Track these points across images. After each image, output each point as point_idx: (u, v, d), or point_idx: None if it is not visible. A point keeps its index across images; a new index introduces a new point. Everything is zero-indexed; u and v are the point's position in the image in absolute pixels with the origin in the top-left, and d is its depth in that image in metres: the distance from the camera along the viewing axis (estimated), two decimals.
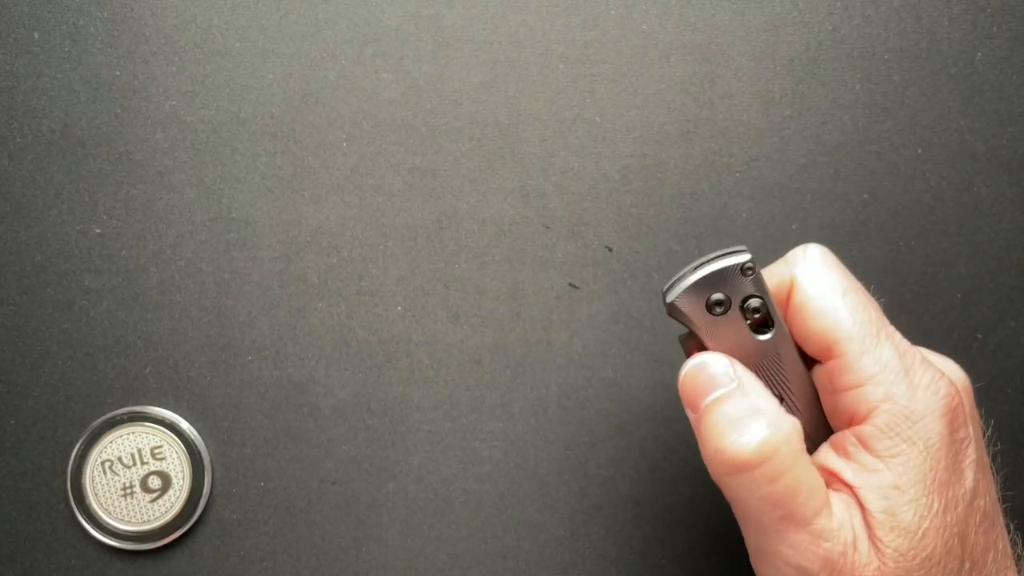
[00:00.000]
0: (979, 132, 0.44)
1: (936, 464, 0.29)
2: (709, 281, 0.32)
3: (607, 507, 0.43)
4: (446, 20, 0.43)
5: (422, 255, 0.43)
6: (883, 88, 0.44)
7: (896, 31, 0.44)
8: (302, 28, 0.43)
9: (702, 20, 0.44)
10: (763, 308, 0.32)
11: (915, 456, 0.29)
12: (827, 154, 0.44)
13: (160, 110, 0.42)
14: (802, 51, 0.44)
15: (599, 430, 0.43)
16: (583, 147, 0.43)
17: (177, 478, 0.42)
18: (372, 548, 0.42)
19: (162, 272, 0.42)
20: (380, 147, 0.43)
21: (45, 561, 0.42)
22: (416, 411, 0.43)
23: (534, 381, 0.43)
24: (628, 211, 0.43)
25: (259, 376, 0.42)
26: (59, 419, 0.42)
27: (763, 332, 0.33)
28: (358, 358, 0.43)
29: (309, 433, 0.43)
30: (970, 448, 0.31)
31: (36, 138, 0.42)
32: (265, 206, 0.43)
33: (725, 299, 0.32)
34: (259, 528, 0.42)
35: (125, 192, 0.42)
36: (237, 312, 0.42)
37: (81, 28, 0.42)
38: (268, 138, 0.43)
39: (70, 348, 0.42)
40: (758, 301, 0.32)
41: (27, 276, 0.42)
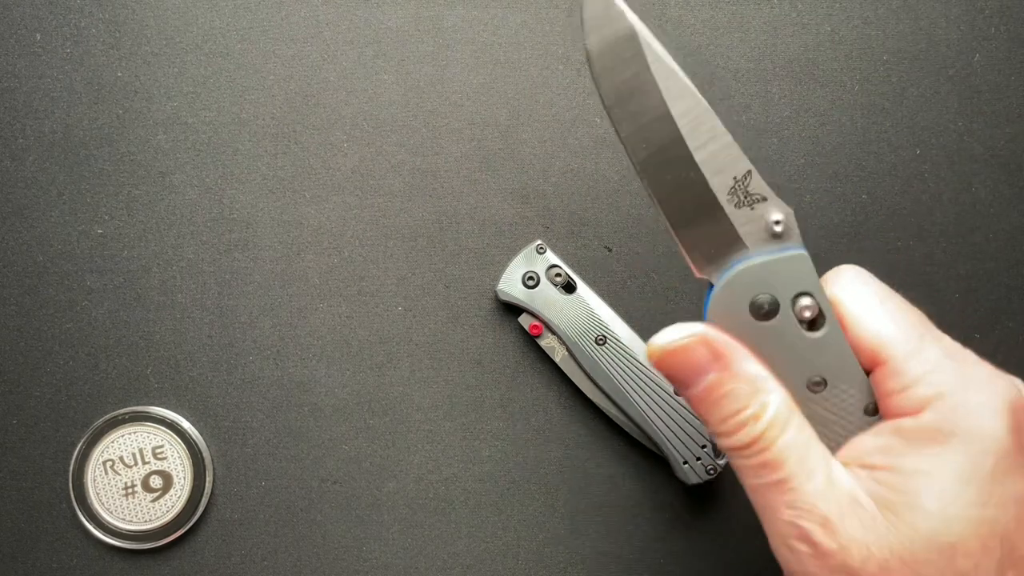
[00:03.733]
0: (977, 133, 0.44)
1: (983, 458, 0.28)
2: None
3: (607, 507, 0.43)
4: (446, 21, 0.43)
5: (422, 255, 0.43)
6: (882, 89, 0.44)
7: (895, 33, 0.44)
8: (303, 29, 0.43)
9: (701, 21, 0.44)
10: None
11: (957, 446, 0.28)
12: (826, 155, 0.44)
13: (162, 111, 0.43)
14: (801, 52, 0.44)
15: (599, 430, 0.43)
16: (583, 147, 0.43)
17: (178, 477, 0.42)
18: (373, 547, 0.43)
19: (164, 272, 0.42)
20: (381, 148, 0.43)
21: (47, 560, 0.42)
22: (416, 411, 0.43)
23: (534, 381, 0.43)
24: (628, 211, 0.43)
25: (260, 376, 0.43)
26: (61, 419, 0.42)
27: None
28: (359, 358, 0.43)
29: (310, 432, 0.43)
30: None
31: (38, 139, 0.42)
32: (266, 206, 0.43)
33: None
34: (260, 527, 0.42)
35: (127, 193, 0.43)
36: (238, 312, 0.43)
37: (83, 29, 0.42)
38: (269, 139, 0.43)
39: (72, 348, 0.42)
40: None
41: (29, 276, 0.42)
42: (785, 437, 0.29)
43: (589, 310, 0.42)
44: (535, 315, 0.42)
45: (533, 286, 0.42)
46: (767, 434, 0.29)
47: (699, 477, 0.41)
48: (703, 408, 0.30)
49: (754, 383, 0.30)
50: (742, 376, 0.30)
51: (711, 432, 0.31)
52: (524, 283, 0.42)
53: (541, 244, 0.42)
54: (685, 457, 0.41)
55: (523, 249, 0.42)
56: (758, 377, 0.30)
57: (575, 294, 0.42)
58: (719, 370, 0.30)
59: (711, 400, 0.30)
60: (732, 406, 0.30)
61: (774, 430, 0.29)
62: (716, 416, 0.30)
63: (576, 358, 0.42)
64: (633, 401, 0.41)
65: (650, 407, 0.41)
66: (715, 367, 0.30)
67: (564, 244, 0.43)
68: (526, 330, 0.42)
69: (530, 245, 0.42)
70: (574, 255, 0.43)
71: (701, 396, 0.30)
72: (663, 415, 0.41)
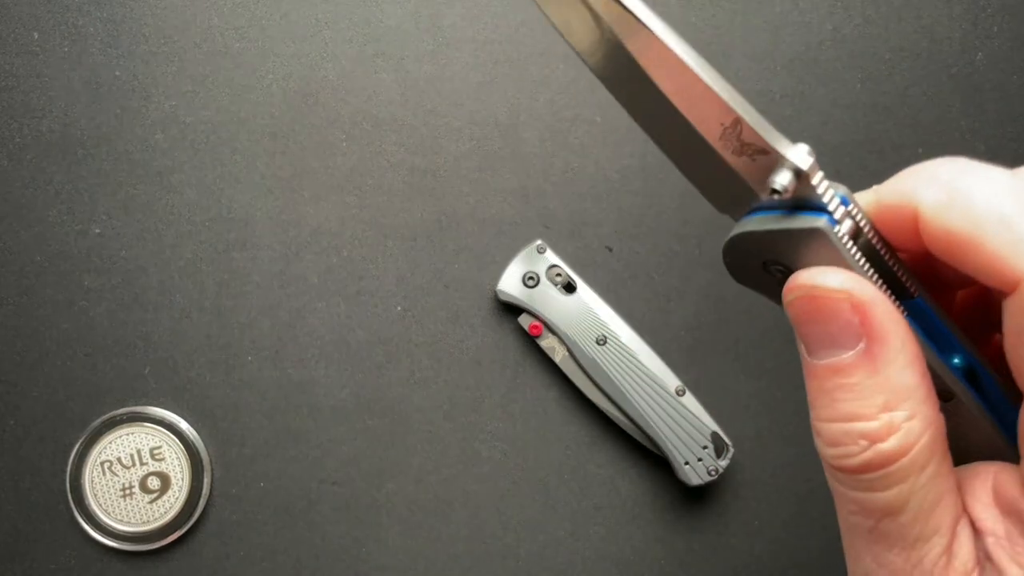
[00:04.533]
0: (980, 132, 0.44)
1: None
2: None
3: (607, 507, 0.43)
4: (446, 20, 0.43)
5: (421, 255, 0.43)
6: (884, 88, 0.44)
7: (897, 31, 0.44)
8: (302, 28, 0.43)
9: (702, 20, 0.44)
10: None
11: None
12: (828, 154, 0.44)
13: (160, 110, 0.42)
14: (803, 51, 0.44)
15: (599, 431, 0.43)
16: (583, 147, 0.43)
17: (176, 479, 0.42)
18: (372, 548, 0.42)
19: (162, 272, 0.42)
20: (380, 147, 0.43)
21: (44, 562, 0.42)
22: (416, 411, 0.43)
23: (534, 381, 0.43)
24: (628, 211, 0.43)
25: (259, 376, 0.42)
26: (58, 419, 0.42)
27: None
28: (358, 358, 0.43)
29: (309, 433, 0.42)
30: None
31: (36, 138, 0.42)
32: (265, 206, 0.43)
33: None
34: (259, 529, 0.42)
35: (125, 192, 0.42)
36: (237, 312, 0.42)
37: (81, 28, 0.42)
38: (268, 138, 0.43)
39: (69, 348, 0.42)
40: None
41: (26, 276, 0.42)
42: (914, 481, 0.21)
43: (589, 310, 0.42)
44: (535, 315, 0.42)
45: (533, 286, 0.42)
46: (889, 469, 0.21)
47: (700, 478, 0.41)
48: (814, 388, 0.23)
49: (898, 391, 0.21)
50: (886, 374, 0.21)
51: (814, 428, 0.23)
52: (524, 283, 0.42)
53: (541, 244, 0.42)
54: (686, 458, 0.41)
55: (523, 249, 0.42)
56: (906, 386, 0.21)
57: (575, 294, 0.42)
58: (862, 357, 0.21)
59: (827, 385, 0.22)
60: (849, 407, 0.22)
61: (901, 467, 0.21)
62: (823, 410, 0.22)
63: (576, 358, 0.42)
64: (633, 401, 0.41)
65: (651, 407, 0.41)
66: (854, 344, 0.21)
67: (564, 244, 0.43)
68: (526, 330, 0.42)
69: (530, 245, 0.42)
70: (574, 255, 0.43)
71: (818, 372, 0.22)
72: (664, 416, 0.41)
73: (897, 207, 0.23)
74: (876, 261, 0.23)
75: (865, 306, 0.21)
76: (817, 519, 0.43)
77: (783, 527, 0.43)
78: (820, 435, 0.22)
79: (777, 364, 0.43)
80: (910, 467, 0.21)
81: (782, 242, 0.23)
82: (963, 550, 0.22)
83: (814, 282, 0.22)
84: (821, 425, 0.22)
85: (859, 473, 0.22)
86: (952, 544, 0.22)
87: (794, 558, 0.43)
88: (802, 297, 0.22)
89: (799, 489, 0.43)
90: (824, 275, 0.22)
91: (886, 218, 0.23)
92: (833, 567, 0.43)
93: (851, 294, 0.21)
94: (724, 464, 0.41)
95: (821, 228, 0.22)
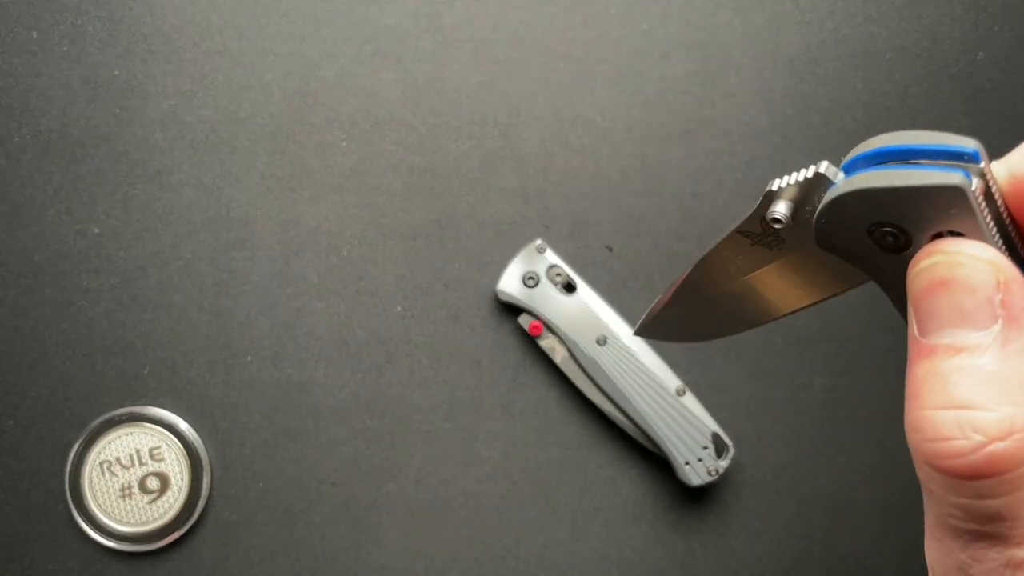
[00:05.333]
0: (980, 131, 0.44)
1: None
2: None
3: (607, 507, 0.43)
4: (446, 19, 0.43)
5: (421, 255, 0.43)
6: (884, 87, 0.44)
7: (897, 30, 0.44)
8: (301, 27, 0.43)
9: (703, 19, 0.43)
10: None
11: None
12: (828, 154, 0.43)
13: (159, 109, 0.42)
14: (803, 50, 0.44)
15: (599, 431, 0.43)
16: (583, 147, 0.43)
17: (176, 479, 0.41)
18: (372, 549, 0.42)
19: (161, 272, 0.42)
20: (379, 146, 0.43)
21: (43, 562, 0.42)
22: (416, 411, 0.43)
23: (534, 381, 0.43)
24: (628, 211, 0.43)
25: (258, 376, 0.42)
26: (57, 419, 0.42)
27: None
28: (357, 358, 0.43)
29: (308, 434, 0.42)
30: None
31: (34, 137, 0.42)
32: (264, 206, 0.42)
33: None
34: (258, 529, 0.42)
35: (124, 192, 0.42)
36: (236, 312, 0.42)
37: (79, 27, 0.42)
38: (267, 137, 0.43)
39: (68, 348, 0.42)
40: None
41: (25, 276, 0.42)
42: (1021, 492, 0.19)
43: (589, 310, 0.42)
44: (535, 315, 0.42)
45: (533, 286, 0.42)
46: (1005, 477, 0.19)
47: (701, 479, 0.41)
48: (924, 371, 0.20)
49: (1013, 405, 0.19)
50: (1017, 364, 0.19)
51: (912, 421, 0.20)
52: (524, 283, 0.42)
53: (541, 244, 0.42)
54: (687, 458, 0.41)
55: (523, 249, 0.42)
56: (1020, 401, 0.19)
57: (575, 294, 0.42)
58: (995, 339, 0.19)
59: (943, 368, 0.19)
60: (968, 392, 0.19)
61: (1020, 475, 0.19)
62: (933, 395, 0.19)
63: (576, 358, 0.42)
64: (633, 402, 0.41)
65: (651, 408, 0.41)
66: (989, 324, 0.19)
67: (564, 244, 0.43)
68: (526, 330, 0.42)
69: (530, 245, 0.42)
70: (574, 255, 0.43)
71: (936, 351, 0.20)
72: (664, 416, 0.41)
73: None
74: (1001, 229, 0.20)
75: (1011, 284, 0.19)
76: (817, 519, 0.43)
77: (783, 527, 0.43)
78: (920, 427, 0.19)
79: (777, 364, 0.43)
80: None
81: (906, 201, 0.20)
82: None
83: (961, 249, 0.19)
84: (926, 414, 0.19)
85: (966, 479, 0.19)
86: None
87: (794, 558, 0.43)
88: (942, 263, 0.20)
89: (800, 490, 0.43)
90: (971, 245, 0.19)
91: (1019, 190, 0.21)
92: (833, 567, 0.43)
93: (1000, 269, 0.19)
94: (724, 464, 0.41)
95: (960, 186, 0.19)
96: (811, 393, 0.43)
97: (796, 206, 0.23)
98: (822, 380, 0.43)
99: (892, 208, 0.20)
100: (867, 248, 0.21)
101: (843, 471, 0.43)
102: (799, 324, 0.43)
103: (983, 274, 0.19)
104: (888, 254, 0.21)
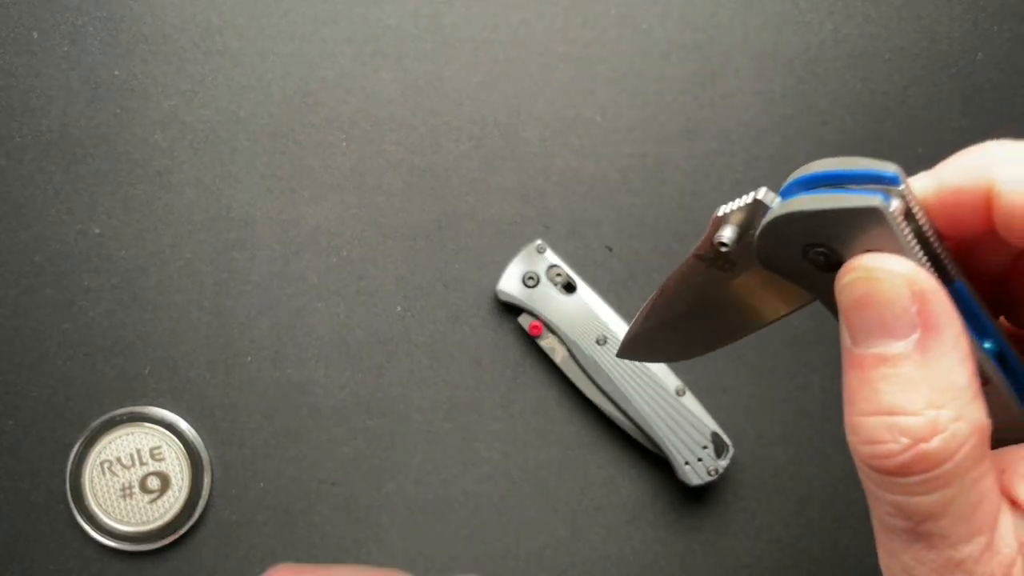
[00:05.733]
0: (980, 132, 0.44)
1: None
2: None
3: (607, 507, 0.43)
4: (446, 19, 0.43)
5: (421, 255, 0.43)
6: (884, 88, 0.44)
7: (897, 31, 0.44)
8: (301, 27, 0.43)
9: (703, 19, 0.43)
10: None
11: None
12: (828, 154, 0.44)
13: (159, 109, 0.42)
14: (803, 51, 0.44)
15: (599, 431, 0.43)
16: (583, 147, 0.43)
17: (176, 479, 0.42)
18: (371, 549, 0.42)
19: (161, 272, 0.42)
20: (379, 146, 0.43)
21: (44, 562, 0.42)
22: (415, 411, 0.43)
23: (534, 381, 0.43)
24: (628, 211, 0.43)
25: (258, 376, 0.42)
26: (58, 419, 0.42)
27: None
28: (357, 358, 0.43)
29: (308, 434, 0.42)
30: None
31: (35, 137, 0.42)
32: (264, 206, 0.43)
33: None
34: (258, 529, 0.42)
35: (124, 192, 0.42)
36: (236, 312, 0.42)
37: (80, 27, 0.42)
38: (267, 137, 0.43)
39: (69, 348, 0.42)
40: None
41: (26, 276, 0.42)
42: (959, 486, 0.20)
43: (589, 310, 0.42)
44: (535, 315, 0.42)
45: (533, 286, 0.42)
46: (932, 474, 0.20)
47: (700, 478, 0.41)
48: (855, 380, 0.21)
49: (946, 388, 0.20)
50: (937, 368, 0.20)
51: (849, 424, 0.22)
52: (524, 283, 0.42)
53: (541, 244, 0.42)
54: (686, 458, 0.41)
55: (523, 249, 0.42)
56: (956, 385, 0.20)
57: (575, 294, 0.42)
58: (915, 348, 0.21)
59: (871, 376, 0.21)
60: (893, 399, 0.21)
61: (945, 472, 0.20)
62: (863, 403, 0.21)
63: (576, 358, 0.42)
64: (633, 401, 0.41)
65: (651, 408, 0.41)
66: (908, 334, 0.21)
67: (564, 244, 0.43)
68: (526, 330, 0.42)
69: (530, 245, 0.42)
70: (574, 255, 0.43)
71: (863, 361, 0.21)
72: (664, 416, 0.41)
73: (965, 188, 0.22)
74: (924, 244, 0.22)
75: (926, 295, 0.21)
76: (817, 519, 0.43)
77: (783, 527, 0.43)
78: (857, 431, 0.21)
79: (777, 364, 0.43)
80: (955, 472, 0.20)
81: (831, 223, 0.22)
82: (1005, 541, 0.21)
83: (876, 264, 0.21)
84: (859, 420, 0.21)
85: (897, 476, 0.21)
86: (994, 539, 0.21)
87: (794, 558, 0.43)
88: (862, 279, 0.21)
89: (799, 489, 0.43)
90: (887, 259, 0.21)
91: (949, 201, 0.22)
92: (833, 568, 0.43)
93: (914, 281, 0.21)
94: (724, 464, 0.41)
95: (878, 207, 0.21)
96: (811, 393, 0.43)
97: (741, 230, 0.24)
98: (822, 380, 0.43)
99: (820, 230, 0.22)
100: (804, 267, 0.23)
101: (843, 471, 0.43)
102: (798, 324, 0.43)
103: (899, 287, 0.21)
104: (823, 272, 0.23)
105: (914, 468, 0.20)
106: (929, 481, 0.20)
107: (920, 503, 0.21)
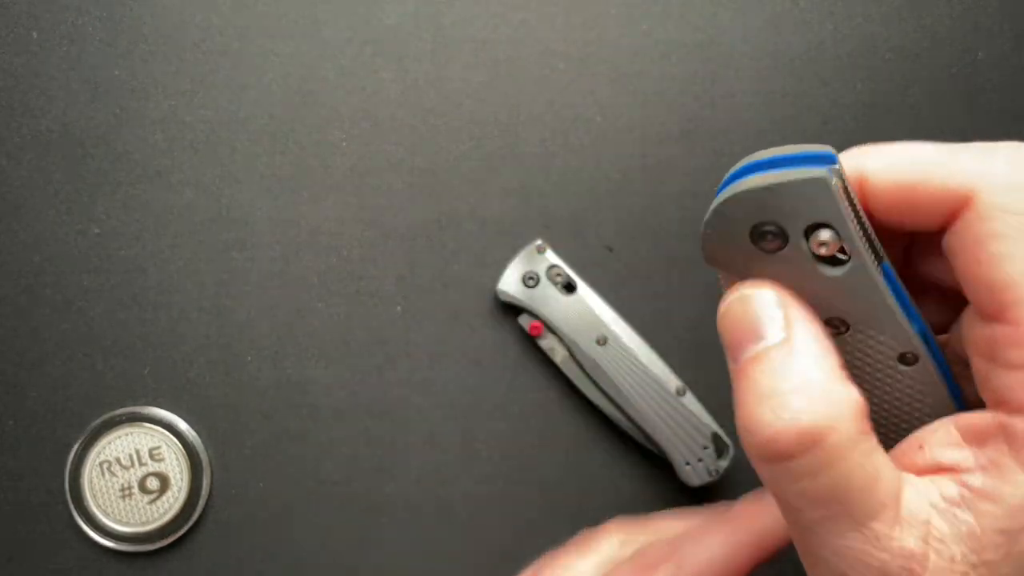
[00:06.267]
0: (981, 132, 0.44)
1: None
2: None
3: (608, 509, 0.43)
4: (446, 19, 0.43)
5: (421, 255, 0.43)
6: (884, 88, 0.44)
7: (897, 30, 0.44)
8: (301, 27, 0.43)
9: (703, 19, 0.43)
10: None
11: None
12: None
13: (159, 109, 0.42)
14: (803, 50, 0.44)
15: (600, 431, 0.43)
16: (583, 147, 0.43)
17: (176, 479, 0.41)
18: (371, 549, 0.42)
19: (161, 272, 0.42)
20: (379, 147, 0.43)
21: (43, 563, 0.42)
22: (416, 412, 0.43)
23: (534, 381, 0.43)
24: (629, 211, 0.43)
25: (258, 377, 0.42)
26: (57, 420, 0.42)
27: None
28: (357, 358, 0.43)
29: (308, 434, 0.42)
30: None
31: (35, 137, 0.42)
32: (264, 206, 0.43)
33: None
34: (258, 529, 0.42)
35: (124, 192, 0.42)
36: (236, 312, 0.42)
37: (80, 27, 0.42)
38: (267, 137, 0.43)
39: (68, 348, 0.42)
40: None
41: (25, 276, 0.42)
42: (850, 459, 0.22)
43: (590, 310, 0.42)
44: (535, 315, 0.42)
45: (533, 286, 0.42)
46: (823, 447, 0.22)
47: (701, 479, 0.41)
48: (740, 388, 0.24)
49: (812, 378, 0.23)
50: (801, 360, 0.23)
51: (742, 428, 0.24)
52: (524, 283, 0.42)
53: (541, 244, 0.42)
54: (687, 458, 0.41)
55: (523, 249, 0.42)
56: (816, 379, 0.23)
57: (575, 294, 0.42)
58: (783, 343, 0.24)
59: (751, 373, 0.24)
60: (770, 381, 0.23)
61: (833, 444, 0.22)
62: (747, 394, 0.24)
63: (576, 359, 0.42)
64: (633, 402, 0.41)
65: (651, 408, 0.41)
66: (778, 335, 0.24)
67: (564, 244, 0.43)
68: (526, 330, 0.42)
69: (530, 245, 0.42)
70: (574, 255, 0.43)
71: (744, 367, 0.24)
72: (664, 416, 0.41)
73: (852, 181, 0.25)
74: (859, 220, 0.24)
75: (787, 302, 0.24)
76: None
77: None
78: (747, 427, 0.23)
79: None
80: (841, 445, 0.22)
81: (779, 197, 0.23)
82: (914, 508, 0.23)
83: (747, 288, 0.25)
84: (746, 415, 0.23)
85: (789, 459, 0.23)
86: (900, 510, 0.23)
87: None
88: (735, 300, 0.25)
89: None
90: (756, 283, 0.25)
91: (863, 187, 0.25)
92: None
93: (776, 293, 0.24)
94: (724, 465, 0.41)
95: (823, 177, 0.22)
96: None
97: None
98: None
99: (768, 206, 0.23)
100: (751, 253, 0.24)
101: None
102: None
103: (768, 297, 0.24)
104: (769, 256, 0.24)
105: (803, 443, 0.22)
106: (821, 460, 0.22)
107: (821, 485, 0.22)
